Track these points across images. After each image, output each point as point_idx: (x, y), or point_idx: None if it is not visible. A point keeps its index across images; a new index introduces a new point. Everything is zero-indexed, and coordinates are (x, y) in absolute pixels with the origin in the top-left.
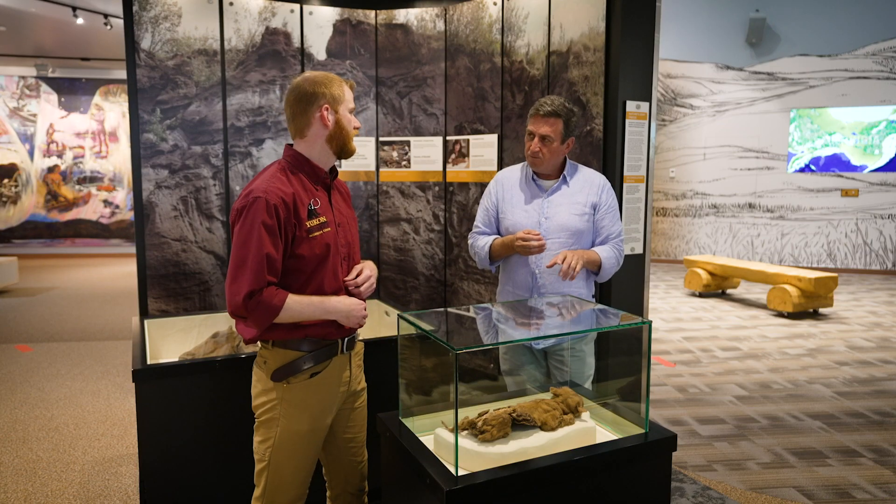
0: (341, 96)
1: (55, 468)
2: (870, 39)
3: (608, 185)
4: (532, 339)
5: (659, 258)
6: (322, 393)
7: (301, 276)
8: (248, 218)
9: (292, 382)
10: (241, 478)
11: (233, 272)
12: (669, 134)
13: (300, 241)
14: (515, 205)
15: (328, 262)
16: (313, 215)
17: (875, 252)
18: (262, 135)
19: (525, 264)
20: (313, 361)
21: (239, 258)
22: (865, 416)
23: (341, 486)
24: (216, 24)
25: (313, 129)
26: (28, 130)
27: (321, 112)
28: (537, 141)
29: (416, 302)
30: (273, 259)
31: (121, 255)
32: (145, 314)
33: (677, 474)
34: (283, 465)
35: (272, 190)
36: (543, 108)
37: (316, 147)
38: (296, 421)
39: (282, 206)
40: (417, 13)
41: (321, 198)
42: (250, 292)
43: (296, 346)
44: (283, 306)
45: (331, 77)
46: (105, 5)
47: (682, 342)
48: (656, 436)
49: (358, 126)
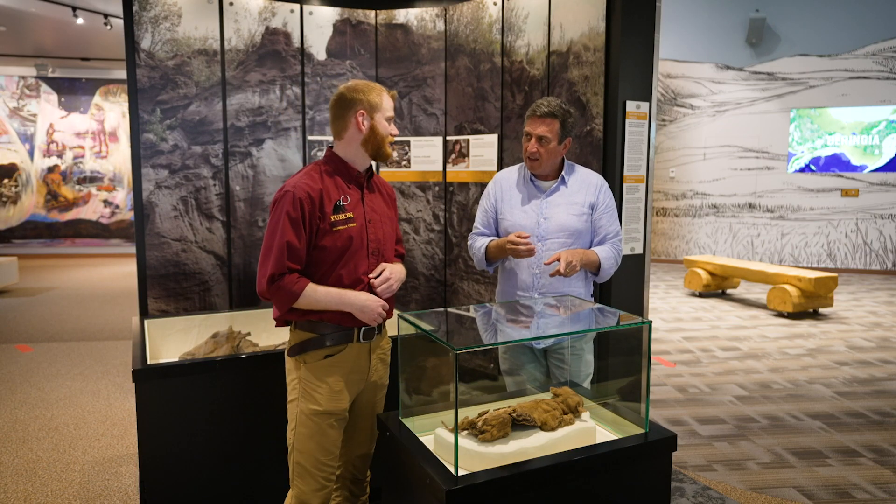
0: (379, 104)
1: (55, 468)
2: (870, 39)
3: (605, 184)
4: (531, 339)
5: (659, 258)
6: (335, 375)
7: (323, 265)
8: (277, 209)
9: (308, 362)
10: (241, 478)
11: (261, 258)
12: (669, 134)
13: (324, 234)
14: (514, 206)
15: (350, 255)
16: (339, 210)
17: (875, 252)
18: (262, 135)
19: (526, 265)
20: (328, 342)
21: (267, 245)
22: (865, 416)
23: (344, 467)
24: (216, 24)
25: (349, 133)
26: (28, 130)
27: (356, 117)
28: (534, 142)
29: (416, 302)
30: (294, 247)
31: (121, 255)
32: (145, 314)
33: (677, 474)
34: (305, 447)
35: (301, 185)
36: (540, 108)
37: (351, 149)
38: (311, 400)
39: (307, 200)
40: (417, 13)
41: (352, 195)
42: (272, 276)
43: (313, 329)
44: (302, 293)
45: (372, 86)
46: (105, 5)
47: (682, 342)
48: (656, 436)
49: (395, 133)
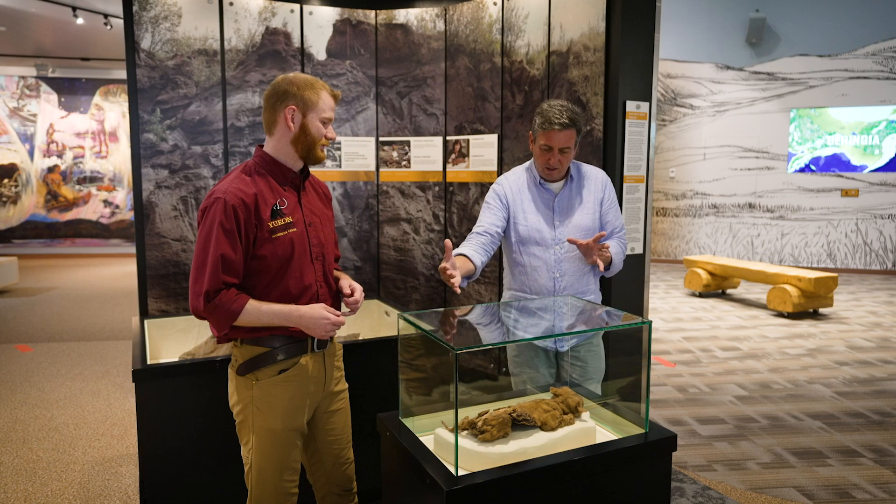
0: (314, 103)
1: (55, 468)
2: (870, 39)
3: (608, 179)
4: (532, 340)
5: (659, 258)
6: (292, 391)
7: (265, 276)
8: (207, 219)
9: (261, 380)
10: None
11: (193, 273)
12: (669, 134)
13: (262, 242)
14: (528, 210)
15: (293, 262)
16: (277, 215)
17: (875, 252)
18: (262, 135)
19: (545, 269)
20: (281, 355)
21: (199, 259)
22: (865, 416)
23: (326, 487)
24: (216, 24)
25: (279, 129)
26: (28, 130)
27: (286, 112)
28: (556, 153)
29: (416, 302)
30: (229, 260)
31: (121, 255)
32: (145, 314)
33: (677, 474)
34: (264, 467)
35: (232, 191)
36: (559, 120)
37: (281, 147)
38: (268, 419)
39: (241, 207)
40: (417, 13)
41: (289, 198)
42: (207, 293)
43: (263, 343)
44: (243, 310)
45: (311, 81)
46: (105, 5)
47: (682, 342)
48: (656, 436)
49: (331, 137)
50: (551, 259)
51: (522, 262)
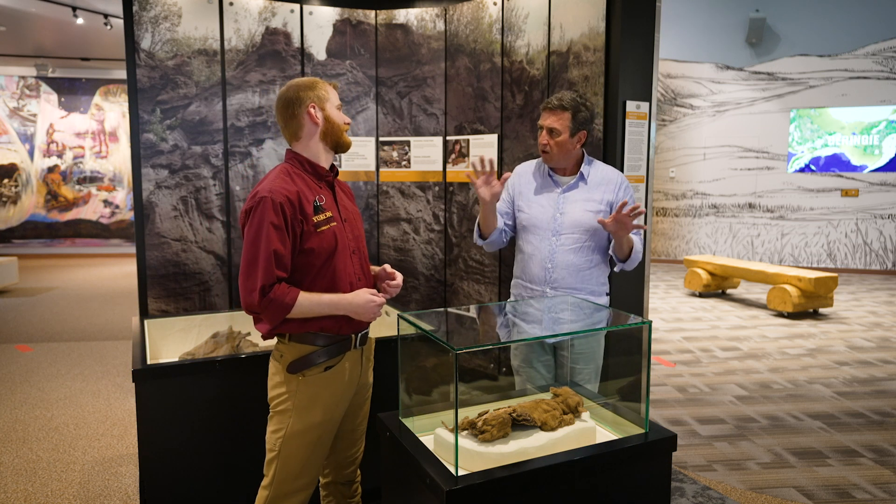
0: (326, 95)
1: (55, 468)
2: (870, 39)
3: (626, 181)
4: (531, 340)
5: (659, 258)
6: (335, 386)
7: (312, 269)
8: (255, 218)
9: (307, 375)
10: (241, 477)
11: (245, 270)
12: (669, 134)
13: (309, 236)
14: (531, 199)
15: (337, 255)
16: (319, 210)
17: (875, 252)
18: (262, 135)
19: (538, 259)
20: (327, 356)
21: (249, 256)
22: (865, 416)
23: (334, 473)
24: (216, 24)
25: (306, 130)
26: (28, 130)
27: (309, 111)
28: (545, 134)
29: (416, 302)
30: (281, 255)
31: (121, 255)
32: (145, 314)
33: (677, 474)
34: (292, 455)
35: (277, 189)
36: (551, 102)
37: (312, 146)
38: (309, 413)
39: (287, 204)
40: (417, 13)
41: (325, 195)
42: (262, 287)
43: (310, 341)
44: (295, 304)
45: (312, 80)
46: (105, 5)
47: (682, 342)
48: (656, 436)
49: (348, 122)
50: (545, 249)
51: (522, 249)
